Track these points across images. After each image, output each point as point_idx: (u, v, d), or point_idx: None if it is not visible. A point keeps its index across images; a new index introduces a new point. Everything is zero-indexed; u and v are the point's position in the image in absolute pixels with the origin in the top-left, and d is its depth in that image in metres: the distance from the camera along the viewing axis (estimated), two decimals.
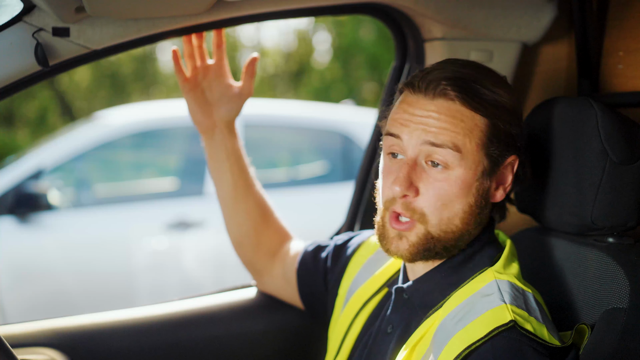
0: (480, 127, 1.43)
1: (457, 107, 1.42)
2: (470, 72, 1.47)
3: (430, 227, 1.43)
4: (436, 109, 1.42)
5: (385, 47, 11.27)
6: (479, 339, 1.30)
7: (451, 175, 1.41)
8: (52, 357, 1.79)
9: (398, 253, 1.46)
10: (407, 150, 1.44)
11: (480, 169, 1.44)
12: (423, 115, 1.43)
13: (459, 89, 1.42)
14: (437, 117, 1.42)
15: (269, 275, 1.97)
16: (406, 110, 1.45)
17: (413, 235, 1.44)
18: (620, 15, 1.90)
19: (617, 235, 1.55)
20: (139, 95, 13.39)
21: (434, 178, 1.42)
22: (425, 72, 1.47)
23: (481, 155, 1.43)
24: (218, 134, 1.88)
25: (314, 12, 1.91)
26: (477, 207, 1.45)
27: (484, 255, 1.49)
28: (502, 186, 1.50)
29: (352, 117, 5.59)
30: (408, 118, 1.44)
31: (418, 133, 1.42)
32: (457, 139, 1.41)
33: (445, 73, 1.45)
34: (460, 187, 1.42)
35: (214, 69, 1.88)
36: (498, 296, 1.37)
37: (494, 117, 1.44)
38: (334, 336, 1.72)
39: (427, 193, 1.42)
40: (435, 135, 1.41)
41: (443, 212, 1.42)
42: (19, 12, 1.54)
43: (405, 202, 1.43)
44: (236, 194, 1.91)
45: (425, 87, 1.44)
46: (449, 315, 1.38)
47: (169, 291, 4.51)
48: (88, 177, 5.18)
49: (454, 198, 1.42)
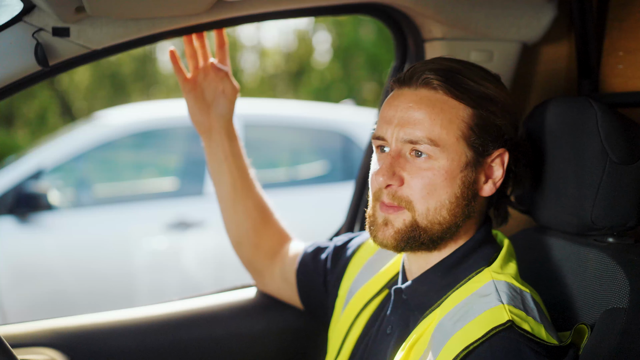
0: (462, 117, 1.43)
1: (439, 96, 1.43)
2: (456, 66, 1.48)
3: (417, 215, 1.43)
4: (417, 99, 1.44)
5: (385, 47, 11.27)
6: (476, 339, 1.30)
7: (435, 165, 1.42)
8: (52, 357, 1.79)
9: (384, 241, 1.46)
10: (391, 145, 1.46)
11: (463, 159, 1.44)
12: (404, 107, 1.44)
13: (442, 79, 1.44)
14: (416, 108, 1.43)
15: (268, 276, 1.97)
16: (390, 104, 1.47)
17: (399, 222, 1.44)
18: (620, 15, 1.90)
19: (617, 235, 1.55)
20: (139, 95, 13.39)
21: (418, 167, 1.43)
22: (411, 67, 1.49)
23: (463, 146, 1.44)
24: (216, 135, 1.89)
25: (314, 12, 1.91)
26: (464, 199, 1.45)
27: (480, 254, 1.49)
28: (490, 179, 1.49)
29: (352, 117, 5.59)
30: (391, 114, 1.46)
31: (397, 131, 1.44)
32: (434, 133, 1.41)
33: (430, 65, 1.47)
34: (445, 177, 1.43)
35: (215, 69, 1.88)
36: (495, 296, 1.37)
37: (477, 107, 1.44)
38: (334, 337, 1.72)
39: (412, 181, 1.43)
40: (412, 132, 1.42)
41: (429, 201, 1.43)
42: (19, 12, 1.54)
43: (391, 191, 1.44)
44: (235, 194, 1.91)
45: (409, 78, 1.46)
46: (447, 316, 1.38)
47: (169, 291, 4.51)
48: (88, 177, 5.18)
49: (439, 187, 1.43)
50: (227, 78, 1.87)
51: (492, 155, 1.47)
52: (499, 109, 1.47)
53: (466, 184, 1.45)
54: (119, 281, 4.51)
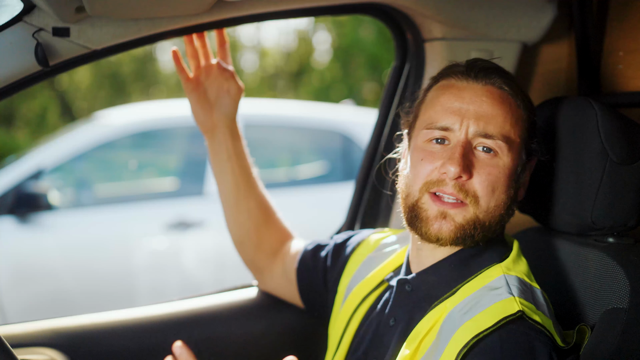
0: (524, 120, 1.46)
1: (506, 96, 1.45)
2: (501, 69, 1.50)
3: (479, 212, 1.42)
4: (489, 94, 1.44)
5: (385, 47, 11.27)
6: (486, 328, 1.30)
7: (499, 163, 1.42)
8: (52, 357, 1.79)
9: (440, 234, 1.42)
10: (459, 136, 1.43)
11: (520, 161, 1.47)
12: (476, 100, 1.43)
13: (506, 80, 1.46)
14: (490, 103, 1.43)
15: (270, 274, 1.97)
16: (457, 95, 1.45)
17: (460, 217, 1.42)
18: (620, 15, 1.90)
19: (617, 235, 1.55)
20: (139, 95, 13.39)
21: (484, 163, 1.42)
22: (467, 63, 1.48)
23: (522, 148, 1.46)
24: (219, 134, 1.89)
25: (314, 12, 1.91)
26: (512, 201, 1.46)
27: (494, 251, 1.50)
28: (523, 185, 1.52)
29: (352, 117, 5.59)
30: (461, 106, 1.44)
31: (470, 123, 1.42)
32: (506, 129, 1.42)
33: (489, 64, 1.48)
34: (507, 176, 1.43)
35: (216, 69, 1.88)
36: (506, 289, 1.38)
37: (529, 112, 1.48)
38: (333, 332, 1.72)
39: (480, 177, 1.41)
40: (486, 126, 1.41)
41: (492, 198, 1.42)
42: (19, 12, 1.54)
43: (459, 183, 1.41)
44: (238, 193, 1.91)
45: (475, 73, 1.46)
46: (457, 308, 1.38)
47: (169, 291, 4.51)
48: (88, 177, 5.18)
49: (501, 186, 1.42)
50: (233, 78, 1.88)
51: (533, 161, 1.52)
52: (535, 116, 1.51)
53: (518, 185, 1.48)
54: (119, 281, 4.51)
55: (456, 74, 1.48)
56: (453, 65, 1.51)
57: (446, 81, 1.50)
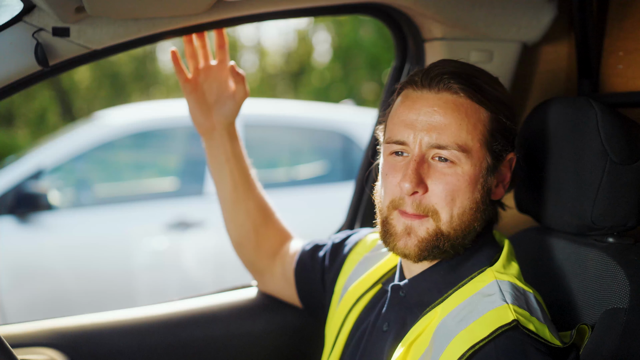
0: (484, 122, 1.43)
1: (462, 101, 1.42)
2: (469, 69, 1.47)
3: (441, 224, 1.42)
4: (442, 103, 1.42)
5: (385, 47, 11.28)
6: (482, 338, 1.30)
7: (458, 170, 1.41)
8: (52, 357, 1.79)
9: (406, 250, 1.44)
10: (414, 150, 1.43)
11: (484, 165, 1.44)
12: (428, 111, 1.42)
13: (463, 83, 1.43)
14: (442, 113, 1.41)
15: (269, 275, 1.97)
16: (411, 107, 1.45)
17: (422, 231, 1.42)
18: (620, 15, 1.90)
19: (617, 235, 1.55)
20: (139, 95, 13.40)
21: (441, 172, 1.41)
22: (425, 69, 1.47)
23: (484, 152, 1.44)
24: (217, 136, 1.88)
25: (314, 12, 1.91)
26: (482, 204, 1.45)
27: (482, 254, 1.49)
28: (501, 184, 1.51)
29: (352, 117, 5.59)
30: (414, 118, 1.43)
31: (422, 135, 1.41)
32: (461, 138, 1.40)
33: (446, 69, 1.45)
34: (468, 183, 1.41)
35: (216, 70, 1.88)
36: (499, 296, 1.37)
37: (496, 112, 1.45)
38: (329, 332, 1.73)
39: (437, 188, 1.41)
40: (439, 137, 1.40)
41: (453, 208, 1.41)
42: (19, 12, 1.54)
43: (415, 199, 1.42)
44: (236, 195, 1.91)
45: (429, 82, 1.44)
46: (450, 315, 1.38)
47: (169, 291, 4.51)
48: (88, 177, 5.18)
49: (462, 193, 1.41)
50: (242, 82, 1.87)
51: (506, 159, 1.48)
52: (512, 114, 1.48)
53: (485, 189, 1.45)
54: (119, 281, 4.51)
55: (412, 84, 1.47)
56: (413, 73, 1.49)
57: (405, 91, 1.49)
